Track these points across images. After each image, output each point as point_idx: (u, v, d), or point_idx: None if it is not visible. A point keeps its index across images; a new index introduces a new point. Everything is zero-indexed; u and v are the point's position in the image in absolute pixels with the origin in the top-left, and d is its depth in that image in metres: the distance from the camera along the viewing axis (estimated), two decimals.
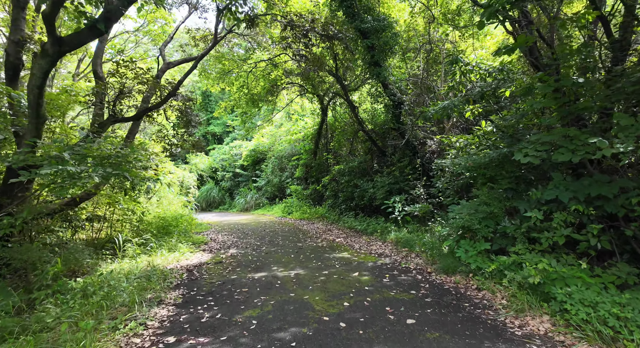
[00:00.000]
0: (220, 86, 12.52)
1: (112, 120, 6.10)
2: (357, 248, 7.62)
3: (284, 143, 17.79)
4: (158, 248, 7.19)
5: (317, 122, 15.27)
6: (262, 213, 17.71)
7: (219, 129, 29.32)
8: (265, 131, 19.86)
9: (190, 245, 8.11)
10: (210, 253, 7.53)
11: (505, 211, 5.31)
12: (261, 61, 11.04)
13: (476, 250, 5.17)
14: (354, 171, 11.77)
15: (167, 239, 8.09)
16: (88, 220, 7.46)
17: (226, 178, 23.24)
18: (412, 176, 9.28)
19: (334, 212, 12.51)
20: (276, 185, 18.77)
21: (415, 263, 6.08)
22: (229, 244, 8.55)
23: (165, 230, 8.98)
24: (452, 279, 5.09)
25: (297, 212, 14.44)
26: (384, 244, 7.78)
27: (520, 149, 4.45)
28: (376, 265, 6.09)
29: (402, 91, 8.94)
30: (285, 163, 18.76)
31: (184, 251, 7.35)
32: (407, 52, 9.80)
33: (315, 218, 12.94)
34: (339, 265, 6.11)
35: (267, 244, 8.36)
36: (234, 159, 22.99)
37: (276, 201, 18.66)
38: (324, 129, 15.21)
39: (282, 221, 13.57)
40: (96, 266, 5.78)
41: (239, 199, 20.85)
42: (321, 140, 15.46)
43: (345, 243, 8.18)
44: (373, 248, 7.44)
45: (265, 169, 19.92)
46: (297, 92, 15.12)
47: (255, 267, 6.18)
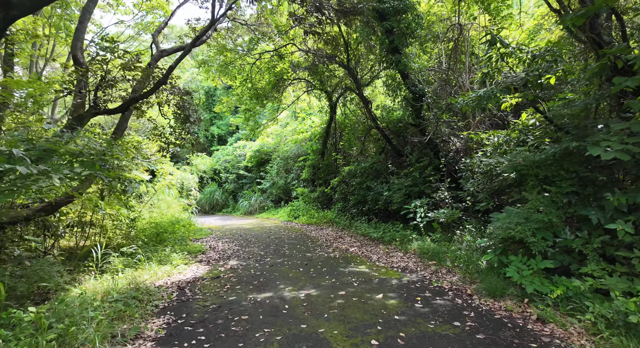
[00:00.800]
0: (222, 79, 11.65)
1: (92, 112, 5.23)
2: (375, 259, 6.64)
3: (290, 142, 16.87)
4: (147, 259, 6.29)
5: (325, 120, 14.35)
6: (267, 216, 16.80)
7: (223, 130, 28.56)
8: (270, 130, 18.97)
9: (185, 255, 7.20)
10: (208, 265, 6.61)
11: (565, 221, 4.31)
12: (266, 52, 10.17)
13: (531, 268, 4.17)
14: (366, 172, 10.80)
15: (160, 248, 7.20)
16: (71, 227, 6.60)
17: (230, 179, 22.40)
18: (434, 177, 8.28)
19: (344, 217, 11.55)
20: (281, 187, 17.86)
21: (448, 281, 5.09)
22: (229, 254, 7.63)
23: (159, 238, 8.09)
24: (501, 305, 4.09)
25: (304, 216, 13.50)
26: (406, 255, 6.80)
27: (597, 142, 3.46)
28: (402, 282, 5.11)
29: (424, 82, 7.97)
30: (291, 164, 17.85)
31: (178, 263, 6.44)
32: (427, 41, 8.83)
33: (324, 223, 11.98)
34: (358, 283, 5.14)
35: (272, 254, 7.42)
36: (238, 160, 22.15)
37: (282, 204, 17.74)
38: (333, 128, 14.28)
39: (288, 226, 12.63)
40: (71, 283, 4.90)
41: (243, 202, 19.98)
42: (329, 139, 14.52)
43: (361, 253, 7.21)
44: (394, 261, 6.46)
45: (270, 170, 19.04)
46: (303, 89, 14.22)
47: (258, 284, 5.24)
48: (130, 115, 6.98)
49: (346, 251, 7.45)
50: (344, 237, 9.22)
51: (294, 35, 10.03)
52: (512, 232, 4.32)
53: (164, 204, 12.39)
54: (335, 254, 7.21)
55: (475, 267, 5.31)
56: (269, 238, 9.64)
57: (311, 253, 7.42)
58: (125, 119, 6.75)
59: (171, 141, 9.30)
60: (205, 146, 28.57)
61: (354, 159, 13.09)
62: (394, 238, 7.85)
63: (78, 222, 6.73)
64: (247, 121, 13.63)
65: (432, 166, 8.66)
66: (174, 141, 9.31)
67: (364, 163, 10.78)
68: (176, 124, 9.15)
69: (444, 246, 6.62)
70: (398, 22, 7.10)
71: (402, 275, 5.55)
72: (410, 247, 7.07)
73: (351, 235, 9.41)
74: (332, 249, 7.79)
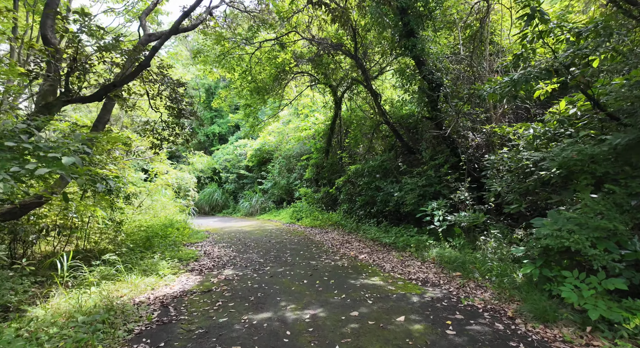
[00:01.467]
0: (220, 72, 10.90)
1: (63, 100, 4.49)
2: (389, 269, 5.85)
3: (292, 140, 16.09)
4: (129, 269, 5.54)
5: (329, 117, 13.57)
6: (268, 218, 16.04)
7: (224, 129, 27.85)
8: (271, 128, 18.22)
9: (176, 263, 6.44)
10: (200, 275, 5.84)
11: (632, 228, 3.50)
12: (266, 41, 9.41)
13: (592, 287, 3.36)
14: (374, 171, 10.02)
15: (147, 255, 6.45)
16: (45, 232, 5.86)
17: (230, 179, 21.67)
18: (452, 176, 7.47)
19: (351, 219, 10.76)
20: (284, 188, 17.10)
21: (480, 298, 4.29)
22: (225, 261, 6.86)
23: (149, 243, 7.35)
24: (555, 333, 3.29)
25: (307, 218, 12.72)
26: (424, 264, 6.00)
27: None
28: (425, 300, 4.32)
29: (442, 70, 7.16)
30: (294, 163, 17.09)
31: (166, 273, 5.68)
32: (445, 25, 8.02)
33: (329, 225, 11.19)
34: (372, 300, 4.35)
35: (273, 262, 6.65)
36: (239, 159, 21.41)
37: (284, 205, 16.98)
38: (338, 125, 13.50)
39: (291, 228, 11.85)
40: (33, 301, 4.15)
41: (244, 203, 19.23)
42: (334, 137, 13.74)
43: (372, 261, 6.41)
44: (411, 271, 5.66)
45: (272, 170, 18.29)
46: (307, 84, 13.45)
47: (255, 301, 4.47)
48: (112, 106, 6.24)
49: (355, 259, 6.66)
50: (351, 242, 8.43)
51: (296, 22, 9.27)
52: (565, 242, 3.51)
53: (159, 205, 11.67)
54: (343, 262, 6.42)
55: (510, 281, 4.52)
56: (270, 243, 8.86)
57: (316, 260, 6.63)
58: (107, 111, 6.00)
59: (164, 137, 8.58)
60: (205, 145, 27.89)
61: (360, 158, 12.31)
62: (409, 244, 7.05)
63: (54, 226, 5.99)
64: (247, 118, 12.87)
65: (448, 164, 7.86)
66: (167, 137, 8.59)
67: (372, 161, 9.99)
68: (169, 118, 8.42)
69: (468, 254, 5.82)
70: (414, 0, 6.32)
71: (424, 289, 4.76)
72: (428, 255, 6.27)
73: (359, 240, 8.61)
74: (339, 256, 7.01)
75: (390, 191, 8.86)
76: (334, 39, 9.31)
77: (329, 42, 9.18)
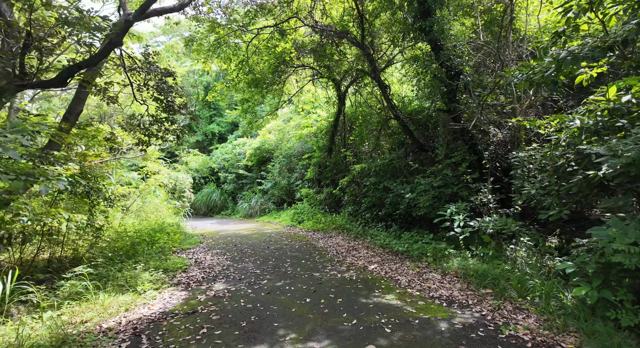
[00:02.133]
0: (215, 62, 10.10)
1: (18, 84, 3.71)
2: (404, 284, 5.05)
3: (293, 139, 15.27)
4: (106, 284, 4.76)
5: (332, 113, 12.78)
6: (268, 220, 15.26)
7: (223, 128, 27.07)
8: (271, 126, 17.41)
9: (160, 275, 5.65)
10: (186, 291, 5.06)
11: None
12: (265, 28, 8.60)
13: None
14: (382, 170, 9.21)
15: (128, 265, 5.66)
16: (6, 240, 5.08)
17: (229, 179, 20.88)
18: (471, 176, 6.67)
19: (356, 222, 9.97)
20: (284, 188, 16.31)
21: (523, 326, 3.48)
22: (216, 272, 6.07)
23: (133, 251, 6.57)
24: None
25: (309, 221, 11.93)
26: (445, 278, 5.19)
27: None
28: (455, 327, 3.52)
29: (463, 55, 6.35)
30: (295, 163, 16.30)
31: (146, 289, 4.89)
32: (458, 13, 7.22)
33: (333, 229, 10.40)
34: (391, 327, 3.55)
35: (271, 273, 5.85)
36: (238, 159, 20.63)
37: (284, 207, 16.19)
38: (341, 121, 12.70)
39: (292, 232, 11.06)
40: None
41: (243, 204, 18.44)
42: (337, 134, 12.94)
43: (384, 273, 5.61)
44: (431, 286, 4.86)
45: (272, 170, 17.50)
46: (308, 78, 12.65)
47: (247, 327, 3.68)
48: (85, 95, 5.45)
49: (364, 270, 5.86)
50: (358, 249, 7.62)
51: (297, 7, 8.47)
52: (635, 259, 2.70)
53: (151, 207, 10.91)
54: (351, 274, 5.62)
55: (558, 303, 3.71)
56: (269, 249, 8.07)
57: (320, 272, 5.83)
58: (80, 101, 5.22)
59: (152, 133, 7.81)
60: (204, 144, 27.13)
61: (366, 156, 11.52)
62: (424, 253, 6.25)
63: (19, 233, 5.22)
64: (244, 114, 12.07)
65: (466, 162, 7.05)
66: (156, 133, 7.83)
67: (381, 160, 9.18)
68: (157, 112, 7.66)
69: (497, 265, 5.01)
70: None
71: (451, 312, 3.95)
72: (448, 266, 5.46)
73: (367, 246, 7.81)
74: (345, 266, 6.21)
75: (401, 193, 8.06)
76: (338, 27, 8.52)
77: (333, 29, 8.39)
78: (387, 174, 9.16)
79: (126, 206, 9.47)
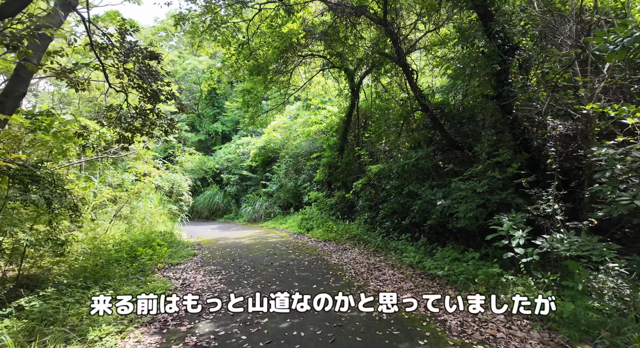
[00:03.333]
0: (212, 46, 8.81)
1: None
2: (456, 329, 3.67)
3: (301, 136, 13.92)
4: (50, 324, 3.48)
5: (344, 107, 11.43)
6: (273, 226, 13.97)
7: (228, 127, 25.90)
8: (276, 123, 16.13)
9: (130, 308, 4.36)
10: (159, 334, 3.77)
11: None
12: (269, 2, 7.28)
13: None
14: (406, 172, 7.82)
15: (90, 293, 4.39)
16: None
17: (232, 181, 19.67)
18: (527, 179, 5.26)
19: (374, 232, 8.61)
20: (291, 191, 15.01)
21: None
22: (204, 300, 4.75)
23: (103, 272, 5.33)
24: None
25: (318, 229, 10.60)
26: (511, 319, 3.79)
27: None
28: None
29: (521, 23, 4.94)
30: (302, 163, 14.99)
31: (103, 334, 3.61)
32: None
33: (346, 239, 9.05)
34: None
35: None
36: (241, 159, 19.41)
37: (291, 211, 14.88)
38: (354, 117, 11.35)
39: (299, 242, 9.74)
40: None
41: (246, 208, 17.19)
42: (350, 131, 11.59)
43: (423, 309, 4.23)
44: (497, 335, 3.47)
45: (278, 171, 16.21)
46: (317, 68, 11.33)
47: None
48: (30, 75, 4.21)
49: (397, 302, 4.48)
50: (381, 268, 6.25)
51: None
52: None
53: (140, 213, 9.69)
54: (379, 310, 4.24)
55: None
56: (272, 267, 6.75)
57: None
58: (20, 81, 3.97)
59: (136, 128, 6.61)
60: (207, 144, 26.02)
61: (384, 156, 10.15)
62: (472, 279, 4.85)
63: None
64: (245, 107, 10.77)
65: (516, 162, 5.64)
66: (140, 127, 6.62)
67: (405, 159, 7.79)
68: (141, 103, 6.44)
69: (584, 304, 3.61)
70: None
71: None
72: (508, 300, 4.05)
73: (391, 264, 6.43)
74: (370, 292, 4.84)
75: (431, 199, 6.67)
76: (354, 2, 7.19)
77: (348, 3, 7.05)
78: (412, 176, 7.78)
79: (113, 212, 8.26)
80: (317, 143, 13.77)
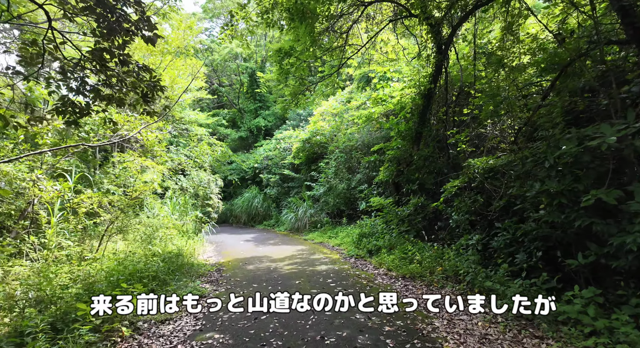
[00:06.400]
0: None
1: None
2: None
3: (359, 122, 10.46)
4: None
5: (425, 75, 7.87)
6: (321, 240, 10.86)
7: (270, 121, 23.50)
8: (324, 109, 13.01)
9: None
10: None
11: None
12: None
13: None
14: (579, 164, 4.13)
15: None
16: None
17: (272, 182, 17.04)
18: None
19: (492, 270, 4.99)
20: (342, 195, 11.79)
21: None
22: None
23: None
24: None
25: (389, 253, 7.22)
26: None
27: None
28: None
29: None
30: (358, 159, 11.71)
31: None
32: None
33: (441, 277, 5.54)
34: None
35: None
36: (283, 155, 16.70)
37: (343, 221, 11.66)
38: (440, 90, 7.78)
39: (362, 275, 6.46)
40: None
41: (288, 214, 14.34)
42: (433, 111, 8.05)
43: None
44: None
45: (325, 169, 13.09)
46: (386, 22, 7.96)
47: None
48: None
49: None
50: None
51: None
52: None
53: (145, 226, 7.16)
54: None
55: None
56: (325, 330, 3.51)
57: None
58: None
59: (94, 90, 4.03)
60: (248, 141, 23.91)
61: (495, 143, 6.50)
62: None
63: None
64: (283, 79, 7.70)
65: None
66: (101, 88, 4.04)
67: (568, 144, 4.09)
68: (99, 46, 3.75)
69: None
70: None
71: None
72: None
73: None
74: None
75: None
76: None
77: None
78: (591, 173, 4.08)
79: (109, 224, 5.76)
80: (378, 131, 10.34)
